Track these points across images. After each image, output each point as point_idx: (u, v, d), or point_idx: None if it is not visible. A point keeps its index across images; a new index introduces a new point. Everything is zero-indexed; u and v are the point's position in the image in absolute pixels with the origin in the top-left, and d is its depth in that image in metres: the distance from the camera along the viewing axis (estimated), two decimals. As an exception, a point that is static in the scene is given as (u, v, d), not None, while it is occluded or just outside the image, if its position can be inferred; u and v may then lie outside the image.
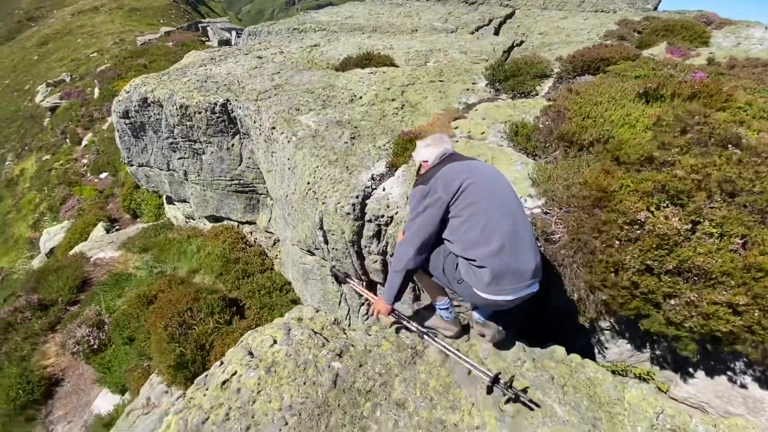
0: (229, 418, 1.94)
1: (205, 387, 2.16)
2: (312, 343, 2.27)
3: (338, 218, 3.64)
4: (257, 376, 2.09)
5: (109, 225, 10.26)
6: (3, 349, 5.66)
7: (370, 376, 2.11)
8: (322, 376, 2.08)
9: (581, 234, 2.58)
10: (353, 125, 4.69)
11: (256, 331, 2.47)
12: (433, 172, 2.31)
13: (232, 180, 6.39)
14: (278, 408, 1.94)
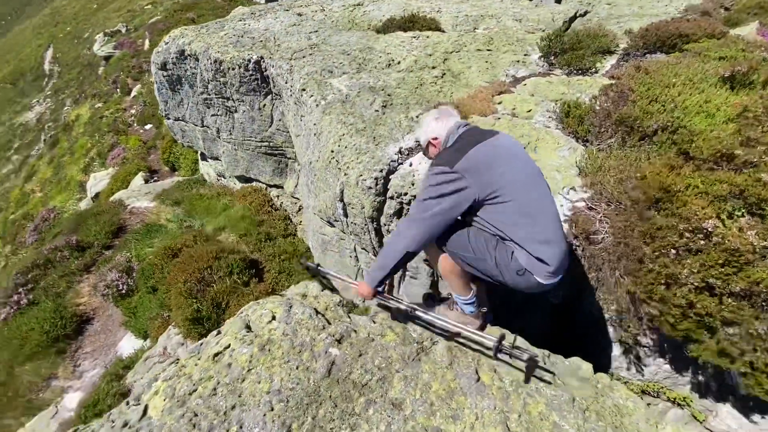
0: (216, 394, 1.85)
1: (198, 356, 2.08)
2: (312, 324, 2.12)
3: (359, 192, 3.42)
4: (250, 353, 1.97)
5: (148, 176, 10.63)
6: (41, 283, 6.05)
7: (369, 368, 1.94)
8: (317, 362, 1.93)
9: (629, 238, 2.22)
10: (387, 92, 4.37)
11: (258, 303, 2.35)
12: (458, 154, 1.96)
13: (262, 141, 6.29)
14: (266, 390, 1.82)
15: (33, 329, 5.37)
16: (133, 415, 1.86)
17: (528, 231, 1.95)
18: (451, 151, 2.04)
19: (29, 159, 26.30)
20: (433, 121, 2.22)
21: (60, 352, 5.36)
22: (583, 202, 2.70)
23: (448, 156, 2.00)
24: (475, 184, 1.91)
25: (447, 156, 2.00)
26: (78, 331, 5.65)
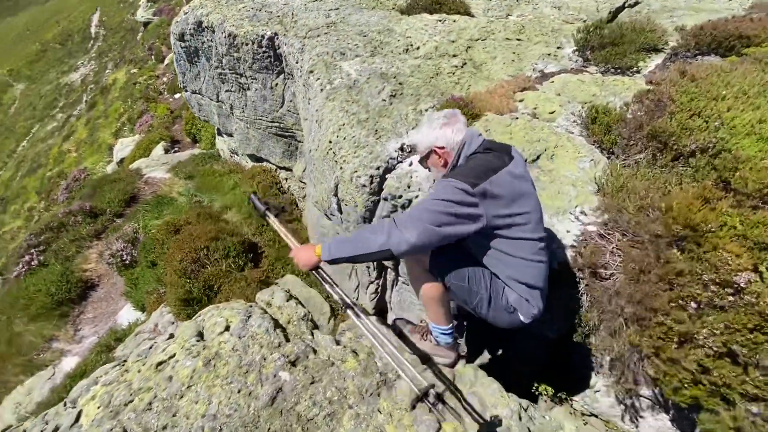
0: (151, 409, 1.70)
1: (143, 362, 1.93)
2: (267, 340, 1.93)
3: (353, 188, 3.17)
4: (193, 368, 1.80)
5: (169, 146, 10.73)
6: (53, 246, 6.20)
7: (318, 400, 1.73)
8: (262, 387, 1.74)
9: (643, 280, 1.88)
10: (398, 80, 4.04)
11: (217, 307, 2.18)
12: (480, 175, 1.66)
13: (273, 122, 6.10)
14: (202, 414, 1.65)
15: (40, 290, 5.52)
16: (65, 420, 1.74)
17: (526, 272, 1.79)
18: (469, 168, 1.74)
19: (71, 119, 27.42)
20: (440, 126, 1.88)
21: (63, 315, 5.50)
22: (596, 227, 2.35)
23: (468, 174, 1.68)
24: (488, 214, 1.66)
25: (467, 174, 1.69)
26: (82, 296, 5.77)
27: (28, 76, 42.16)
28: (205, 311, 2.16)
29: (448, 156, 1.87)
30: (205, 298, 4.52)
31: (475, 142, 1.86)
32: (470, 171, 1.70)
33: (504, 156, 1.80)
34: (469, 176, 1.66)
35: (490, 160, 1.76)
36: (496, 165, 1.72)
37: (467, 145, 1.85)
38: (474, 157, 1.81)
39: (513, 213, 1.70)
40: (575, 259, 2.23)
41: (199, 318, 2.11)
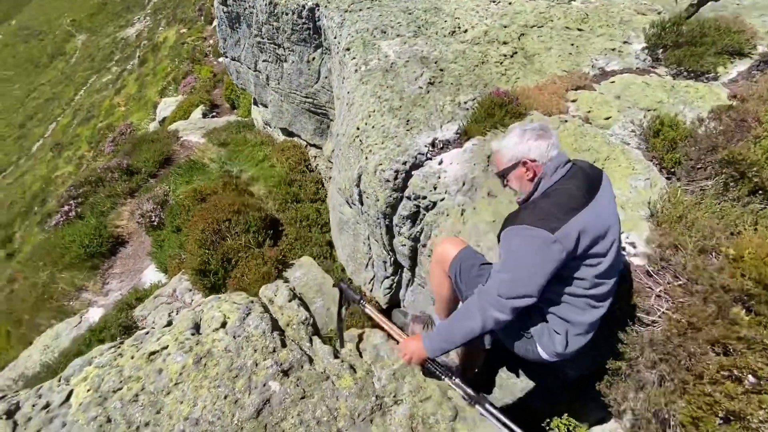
0: (137, 401, 1.65)
1: (138, 347, 1.88)
2: (262, 343, 1.82)
3: (375, 182, 2.98)
4: (183, 364, 1.73)
5: (208, 110, 10.86)
6: (90, 200, 6.46)
7: (306, 419, 1.62)
8: (250, 396, 1.64)
9: (692, 337, 1.60)
10: (439, 66, 3.72)
11: (219, 298, 2.10)
12: (560, 215, 1.47)
13: (307, 98, 5.93)
14: (185, 416, 1.58)
15: (74, 242, 5.78)
16: (56, 398, 1.73)
17: (571, 309, 1.61)
18: (550, 205, 1.52)
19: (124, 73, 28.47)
20: (534, 137, 1.65)
21: (94, 267, 5.77)
22: (643, 262, 2.05)
23: (547, 215, 1.48)
24: (566, 253, 1.47)
25: (545, 215, 1.49)
26: (112, 251, 6.01)
27: (89, 28, 43.95)
28: (207, 301, 2.09)
29: (538, 169, 1.64)
30: (222, 271, 4.55)
31: (564, 167, 1.62)
32: (549, 210, 1.49)
33: (592, 184, 1.57)
34: (548, 219, 1.46)
35: (572, 192, 1.53)
36: (580, 200, 1.51)
37: (557, 169, 1.61)
38: (554, 190, 1.57)
39: (587, 255, 1.51)
40: (612, 296, 1.96)
41: (198, 308, 2.03)
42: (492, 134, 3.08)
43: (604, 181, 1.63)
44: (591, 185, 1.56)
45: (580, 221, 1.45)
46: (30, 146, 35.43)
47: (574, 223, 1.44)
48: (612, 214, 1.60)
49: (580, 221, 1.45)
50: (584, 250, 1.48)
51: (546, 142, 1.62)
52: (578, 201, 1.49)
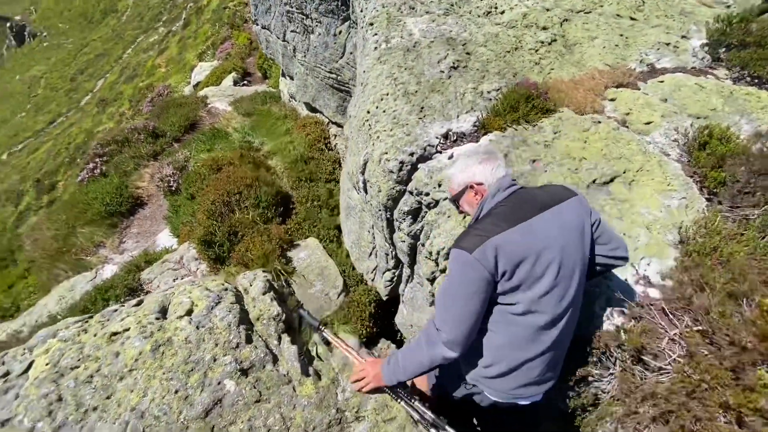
0: (90, 382, 1.60)
1: (104, 324, 1.83)
2: (224, 338, 1.72)
3: (379, 171, 2.79)
4: (140, 350, 1.66)
5: (239, 78, 10.83)
6: (115, 159, 6.61)
7: (256, 426, 1.52)
8: (201, 394, 1.55)
9: (701, 397, 1.36)
10: (466, 49, 3.41)
11: (192, 282, 2.01)
12: (486, 229, 1.43)
13: (331, 73, 5.72)
14: (132, 407, 1.51)
15: (96, 199, 5.96)
16: (17, 367, 1.71)
17: (520, 354, 1.48)
18: (482, 224, 1.48)
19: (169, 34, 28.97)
20: (479, 161, 1.68)
21: (112, 225, 5.94)
22: (661, 295, 1.78)
23: (473, 235, 1.44)
24: (488, 273, 1.40)
25: (472, 235, 1.45)
26: (131, 211, 6.17)
27: (140, -13, 44.69)
28: (179, 284, 2.01)
29: (485, 192, 1.64)
30: (227, 244, 4.54)
31: (508, 189, 1.59)
32: (478, 230, 1.45)
33: (534, 208, 1.48)
34: (472, 238, 1.42)
35: (505, 214, 1.47)
36: (510, 221, 1.43)
37: (499, 191, 1.59)
38: (494, 211, 1.53)
39: (513, 276, 1.40)
40: (617, 329, 1.72)
41: (167, 291, 1.95)
42: (513, 130, 2.79)
43: (569, 205, 1.52)
44: (536, 206, 1.48)
45: (498, 239, 1.38)
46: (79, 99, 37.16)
47: (492, 241, 1.38)
48: (559, 237, 1.46)
49: (499, 239, 1.38)
50: (508, 271, 1.38)
51: (491, 164, 1.63)
52: (508, 220, 1.43)
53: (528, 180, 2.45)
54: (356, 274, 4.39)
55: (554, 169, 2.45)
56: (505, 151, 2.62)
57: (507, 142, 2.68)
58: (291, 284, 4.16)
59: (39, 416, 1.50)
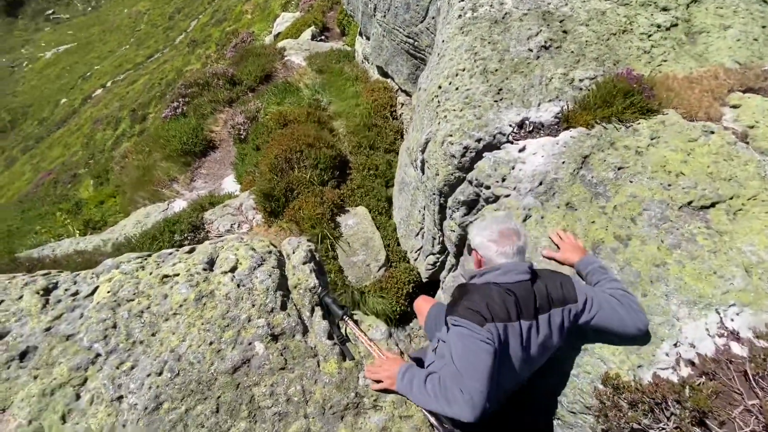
0: (141, 317, 1.74)
1: (159, 265, 1.96)
2: (261, 300, 1.77)
3: (440, 154, 2.62)
4: (184, 298, 1.76)
5: (317, 32, 10.78)
6: (195, 101, 6.99)
7: (277, 393, 1.56)
8: (232, 351, 1.62)
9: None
10: (563, 27, 3.01)
11: (240, 240, 2.07)
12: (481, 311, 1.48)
13: (408, 37, 5.43)
14: (172, 348, 1.62)
15: (175, 137, 6.41)
16: (85, 289, 1.90)
17: None
18: (478, 298, 1.53)
19: (259, -20, 29.38)
20: (488, 239, 1.67)
21: (186, 164, 6.40)
22: (745, 353, 1.51)
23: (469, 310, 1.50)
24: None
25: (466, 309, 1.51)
26: (204, 153, 6.58)
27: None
28: (229, 239, 2.08)
29: (483, 264, 1.69)
30: (283, 199, 4.69)
31: (508, 275, 1.58)
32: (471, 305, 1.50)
33: (522, 309, 1.52)
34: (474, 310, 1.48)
35: (493, 303, 1.49)
36: (501, 314, 1.48)
37: (500, 273, 1.59)
38: (487, 287, 1.56)
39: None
40: (680, 384, 1.50)
41: (217, 244, 2.03)
42: (601, 129, 2.45)
43: (558, 312, 1.57)
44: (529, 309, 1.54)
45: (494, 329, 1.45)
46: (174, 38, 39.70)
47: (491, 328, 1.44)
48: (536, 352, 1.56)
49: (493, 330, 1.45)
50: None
51: (497, 248, 1.62)
52: (495, 312, 1.48)
53: (606, 189, 2.16)
54: (400, 251, 4.35)
55: (642, 181, 2.13)
56: (587, 152, 2.31)
57: (591, 141, 2.36)
58: (336, 249, 4.23)
59: (96, 338, 1.67)
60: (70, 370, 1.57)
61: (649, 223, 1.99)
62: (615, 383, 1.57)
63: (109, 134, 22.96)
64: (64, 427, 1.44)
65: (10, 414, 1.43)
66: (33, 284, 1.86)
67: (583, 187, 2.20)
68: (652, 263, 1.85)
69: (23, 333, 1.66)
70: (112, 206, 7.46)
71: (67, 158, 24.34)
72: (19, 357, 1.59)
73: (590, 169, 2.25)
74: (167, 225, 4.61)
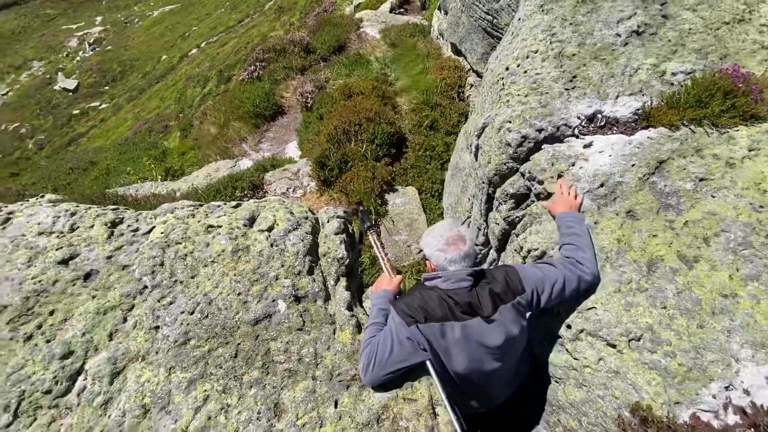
0: (184, 260, 1.90)
1: (207, 215, 2.11)
2: (290, 262, 1.84)
3: (495, 140, 2.47)
4: (223, 248, 1.88)
5: (396, 5, 10.55)
6: (271, 66, 7.28)
7: (291, 351, 1.63)
8: (257, 304, 1.72)
9: None
10: (665, 11, 2.62)
11: (281, 202, 2.15)
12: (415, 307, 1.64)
13: (487, 14, 5.11)
14: (205, 292, 1.76)
15: (249, 99, 6.78)
16: (143, 227, 2.11)
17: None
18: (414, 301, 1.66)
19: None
20: (436, 247, 1.71)
21: (256, 126, 6.76)
22: None
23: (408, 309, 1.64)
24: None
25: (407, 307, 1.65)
26: (272, 117, 6.89)
27: None
28: (271, 200, 2.17)
29: (436, 270, 1.74)
30: (337, 169, 4.80)
31: (448, 283, 1.65)
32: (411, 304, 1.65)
33: (460, 310, 1.61)
34: (407, 312, 1.62)
35: (430, 306, 1.61)
36: (436, 315, 1.60)
37: (443, 278, 1.67)
38: (432, 292, 1.66)
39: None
40: (716, 430, 1.31)
41: (260, 203, 2.13)
42: (688, 131, 2.14)
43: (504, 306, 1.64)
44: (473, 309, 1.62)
45: (427, 330, 1.59)
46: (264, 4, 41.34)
47: (424, 329, 1.58)
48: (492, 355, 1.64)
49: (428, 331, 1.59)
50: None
51: (444, 255, 1.67)
52: (435, 313, 1.60)
53: (680, 201, 1.89)
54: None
55: (727, 198, 1.83)
56: (665, 156, 2.03)
57: (672, 145, 2.07)
58: (379, 225, 4.26)
59: (145, 272, 1.86)
60: (122, 296, 1.77)
61: (725, 247, 1.72)
62: (644, 415, 1.42)
63: (198, 91, 24.91)
64: (109, 344, 1.64)
65: (69, 324, 1.66)
66: (103, 216, 2.10)
67: (651, 195, 1.94)
68: (719, 292, 1.61)
69: (90, 257, 1.89)
70: (191, 158, 8.17)
71: (162, 110, 26.97)
72: (83, 277, 1.82)
73: (664, 176, 1.98)
74: (231, 181, 4.95)
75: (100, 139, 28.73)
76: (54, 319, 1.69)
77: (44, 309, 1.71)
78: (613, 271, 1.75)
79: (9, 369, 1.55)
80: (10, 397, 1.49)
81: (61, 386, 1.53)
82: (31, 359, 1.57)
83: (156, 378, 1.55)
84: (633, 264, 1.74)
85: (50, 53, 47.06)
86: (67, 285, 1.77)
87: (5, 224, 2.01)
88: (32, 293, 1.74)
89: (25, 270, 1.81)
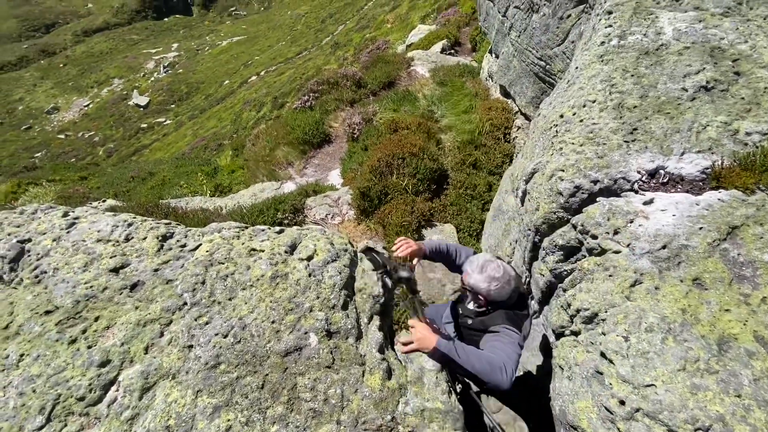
0: (226, 280, 1.93)
1: (251, 238, 2.16)
2: (326, 295, 1.82)
3: (545, 188, 2.39)
4: (262, 274, 1.90)
5: (448, 46, 10.88)
6: (323, 97, 7.64)
7: (319, 390, 1.57)
8: (289, 335, 1.69)
9: None
10: (737, 68, 2.49)
11: (323, 233, 2.16)
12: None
13: (541, 59, 5.12)
14: (240, 316, 1.76)
15: (300, 126, 7.10)
16: (191, 244, 2.18)
17: None
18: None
19: (405, -7, 30.95)
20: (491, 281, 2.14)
21: (303, 152, 7.03)
22: None
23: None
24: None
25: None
26: (319, 145, 7.15)
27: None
28: (312, 229, 2.18)
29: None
30: (377, 200, 4.83)
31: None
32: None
33: None
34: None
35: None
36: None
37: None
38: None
39: None
40: None
41: (302, 231, 2.15)
42: (764, 196, 1.95)
43: None
44: None
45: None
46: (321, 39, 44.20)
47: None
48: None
49: None
50: None
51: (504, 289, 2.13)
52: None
53: (756, 273, 1.70)
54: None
55: (815, 275, 1.62)
56: (738, 222, 1.86)
57: (747, 210, 1.89)
58: (415, 262, 4.18)
59: (187, 288, 1.90)
60: (162, 309, 1.81)
61: (813, 332, 1.50)
62: None
63: (253, 115, 26.62)
64: (144, 357, 1.66)
65: (110, 332, 1.71)
66: (156, 229, 2.20)
67: (723, 264, 1.76)
68: (807, 385, 1.39)
69: (138, 268, 1.97)
70: (239, 176, 8.59)
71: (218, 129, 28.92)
72: (130, 287, 1.89)
73: (738, 244, 1.80)
74: (274, 203, 5.11)
75: (161, 151, 31.09)
76: (98, 326, 1.74)
77: (91, 314, 1.77)
78: (677, 346, 1.57)
79: (50, 370, 1.60)
80: (47, 399, 1.53)
81: (94, 394, 1.56)
82: (72, 363, 1.62)
83: (183, 399, 1.54)
84: (701, 340, 1.56)
85: (129, 72, 52.46)
86: (115, 293, 1.84)
87: (70, 228, 2.15)
88: (83, 297, 1.82)
89: (80, 274, 1.90)
